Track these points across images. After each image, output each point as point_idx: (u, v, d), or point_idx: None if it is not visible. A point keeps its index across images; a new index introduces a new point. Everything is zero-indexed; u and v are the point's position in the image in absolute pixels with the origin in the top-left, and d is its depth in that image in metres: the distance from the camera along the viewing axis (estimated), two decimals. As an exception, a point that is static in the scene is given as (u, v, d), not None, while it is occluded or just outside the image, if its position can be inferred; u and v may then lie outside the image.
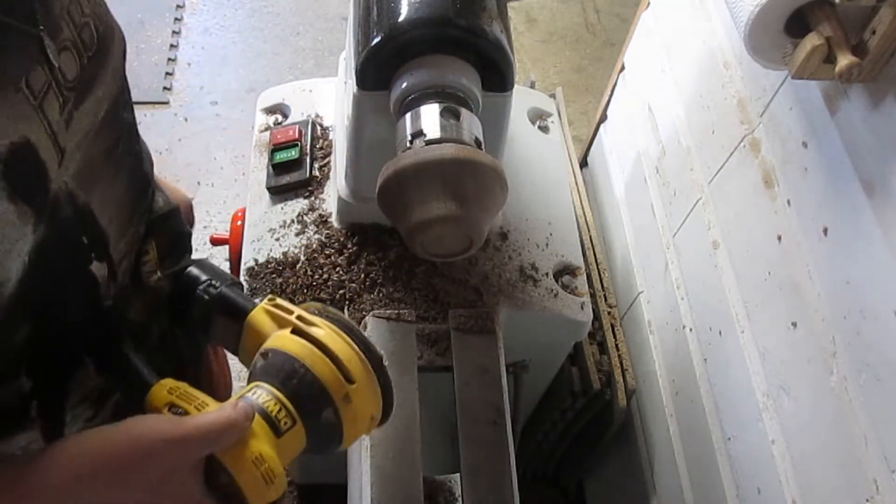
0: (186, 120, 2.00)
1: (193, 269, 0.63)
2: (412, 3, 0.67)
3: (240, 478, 0.48)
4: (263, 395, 0.51)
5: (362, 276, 0.84)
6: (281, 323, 0.56)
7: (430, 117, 0.65)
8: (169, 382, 0.53)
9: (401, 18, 0.67)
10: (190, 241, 0.69)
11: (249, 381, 0.54)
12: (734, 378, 0.85)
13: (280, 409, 0.50)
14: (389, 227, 0.87)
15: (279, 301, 0.58)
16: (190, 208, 0.78)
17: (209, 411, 0.49)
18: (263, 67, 2.13)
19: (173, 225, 0.65)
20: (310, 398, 0.51)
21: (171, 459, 0.46)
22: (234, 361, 1.75)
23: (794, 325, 0.73)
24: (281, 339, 0.54)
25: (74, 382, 0.55)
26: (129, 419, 0.48)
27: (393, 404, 0.57)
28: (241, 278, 0.87)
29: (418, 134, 0.65)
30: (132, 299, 0.59)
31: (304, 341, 0.53)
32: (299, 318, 0.56)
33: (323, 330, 0.54)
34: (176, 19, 2.18)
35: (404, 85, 0.67)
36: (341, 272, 0.85)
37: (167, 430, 0.46)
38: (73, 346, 0.54)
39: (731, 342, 0.86)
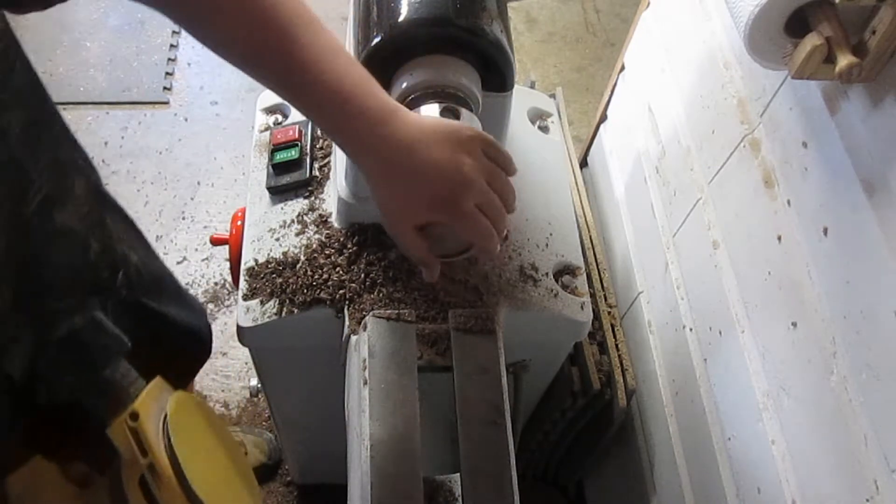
0: (186, 120, 2.00)
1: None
2: (412, 3, 0.67)
3: None
4: None
5: (362, 276, 0.84)
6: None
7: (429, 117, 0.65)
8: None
9: (401, 18, 0.67)
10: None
11: None
12: (734, 378, 0.85)
13: None
14: (389, 227, 0.87)
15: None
16: None
17: None
18: (263, 67, 2.13)
19: None
20: None
21: None
22: (239, 355, 1.73)
23: (794, 325, 0.73)
24: None
25: None
26: None
27: None
28: (241, 278, 0.87)
29: (418, 134, 0.65)
30: None
31: None
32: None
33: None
34: (176, 19, 2.18)
35: (404, 85, 0.67)
36: (341, 272, 0.85)
37: None
38: None
39: (731, 342, 0.86)
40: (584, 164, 1.49)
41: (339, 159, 0.91)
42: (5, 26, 0.53)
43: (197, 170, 1.91)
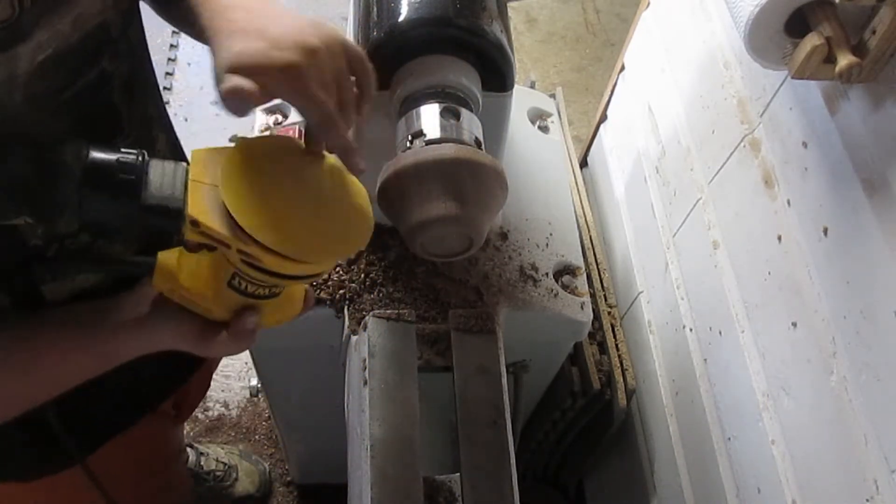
0: (186, 120, 2.00)
1: None
2: (412, 2, 0.67)
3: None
4: None
5: (362, 276, 0.84)
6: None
7: (430, 117, 0.65)
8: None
9: (401, 18, 0.67)
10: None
11: None
12: (734, 378, 0.85)
13: None
14: (389, 227, 0.87)
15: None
16: None
17: None
18: (263, 67, 2.13)
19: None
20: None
21: None
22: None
23: (794, 325, 0.73)
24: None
25: None
26: None
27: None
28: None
29: (418, 134, 0.65)
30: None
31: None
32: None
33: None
34: (176, 19, 2.18)
35: (404, 85, 0.67)
36: (341, 272, 0.85)
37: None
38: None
39: (731, 342, 0.86)
40: (584, 164, 1.49)
41: (339, 159, 0.91)
42: None
43: (197, 170, 1.91)
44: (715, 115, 0.92)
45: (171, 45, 2.12)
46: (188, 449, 1.43)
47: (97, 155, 0.50)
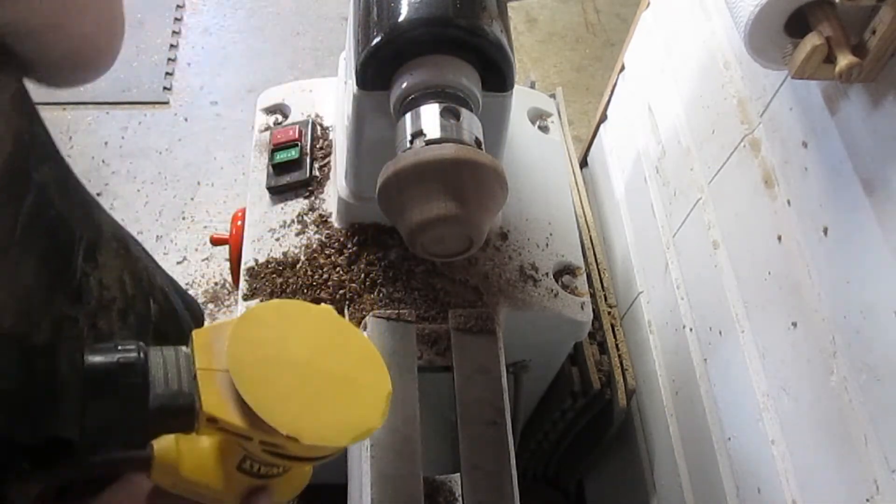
0: (186, 120, 2.00)
1: None
2: (412, 3, 0.67)
3: None
4: None
5: (362, 276, 0.84)
6: None
7: (430, 117, 0.65)
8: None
9: (401, 18, 0.67)
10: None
11: None
12: (734, 378, 0.85)
13: None
14: (389, 227, 0.87)
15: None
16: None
17: None
18: (263, 67, 2.13)
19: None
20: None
21: None
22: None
23: (794, 325, 0.73)
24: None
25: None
26: None
27: None
28: (242, 278, 0.87)
29: (418, 134, 0.65)
30: None
31: None
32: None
33: None
34: (176, 19, 2.18)
35: (404, 85, 0.67)
36: (341, 272, 0.85)
37: None
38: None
39: (731, 342, 0.86)
40: (584, 164, 1.49)
41: (339, 159, 0.91)
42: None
43: (197, 170, 1.91)
44: (715, 115, 0.92)
45: (171, 46, 2.12)
46: None
47: (95, 359, 0.45)
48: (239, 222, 0.97)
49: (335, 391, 0.51)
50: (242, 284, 0.86)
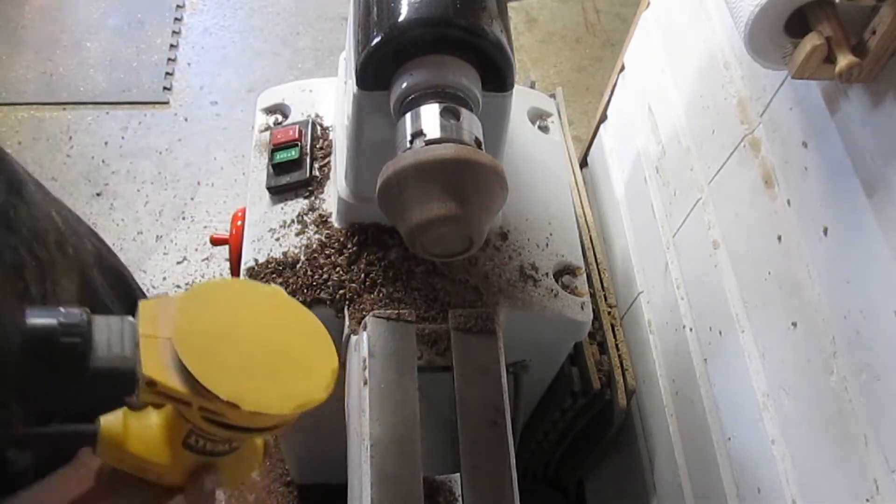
0: (186, 120, 2.00)
1: None
2: (412, 3, 0.67)
3: None
4: None
5: (362, 276, 0.84)
6: None
7: (430, 117, 0.65)
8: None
9: (401, 18, 0.67)
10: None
11: None
12: (734, 378, 0.85)
13: None
14: (389, 227, 0.87)
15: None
16: None
17: None
18: (263, 67, 2.13)
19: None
20: None
21: None
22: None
23: (794, 325, 0.73)
24: None
25: None
26: None
27: None
28: (241, 278, 0.87)
29: (418, 134, 0.65)
30: None
31: None
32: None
33: None
34: (176, 19, 2.18)
35: (404, 85, 0.67)
36: (341, 272, 0.85)
37: None
38: None
39: (731, 342, 0.86)
40: (584, 164, 1.49)
41: (339, 159, 0.91)
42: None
43: (197, 170, 1.91)
44: (715, 115, 0.92)
45: (171, 46, 2.12)
46: None
47: (37, 320, 0.44)
48: (239, 222, 0.97)
49: (279, 364, 0.52)
50: (242, 284, 0.86)
